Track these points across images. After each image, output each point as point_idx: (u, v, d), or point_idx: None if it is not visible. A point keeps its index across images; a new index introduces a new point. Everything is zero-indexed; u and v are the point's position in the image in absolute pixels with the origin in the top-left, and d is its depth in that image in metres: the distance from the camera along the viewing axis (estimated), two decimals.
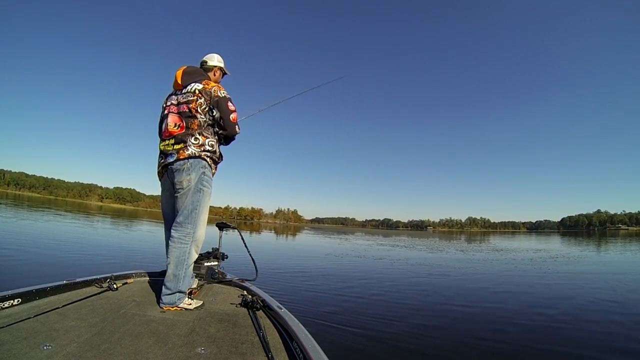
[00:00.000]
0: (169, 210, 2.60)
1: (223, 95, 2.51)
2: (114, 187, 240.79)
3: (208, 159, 2.45)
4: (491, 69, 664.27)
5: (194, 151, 2.39)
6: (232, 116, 2.51)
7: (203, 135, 2.44)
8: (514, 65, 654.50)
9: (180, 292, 2.27)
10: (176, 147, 2.40)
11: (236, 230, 3.49)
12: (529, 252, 19.99)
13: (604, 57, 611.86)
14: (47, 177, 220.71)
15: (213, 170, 2.56)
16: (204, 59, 2.81)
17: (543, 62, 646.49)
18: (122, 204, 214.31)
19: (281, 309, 2.16)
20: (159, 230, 22.03)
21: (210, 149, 2.46)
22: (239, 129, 2.59)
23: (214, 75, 2.80)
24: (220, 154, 2.64)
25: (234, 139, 2.64)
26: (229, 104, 2.51)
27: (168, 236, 2.59)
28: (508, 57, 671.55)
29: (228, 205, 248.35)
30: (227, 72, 2.94)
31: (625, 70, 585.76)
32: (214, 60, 2.81)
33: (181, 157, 2.36)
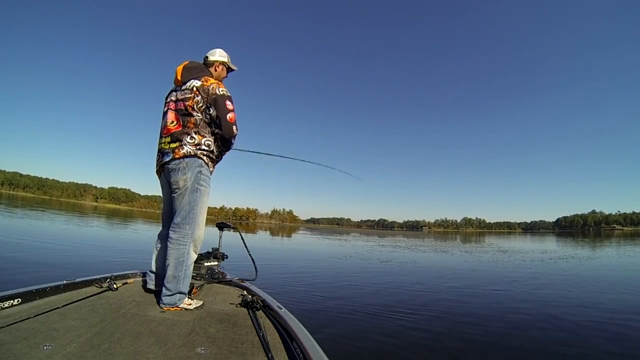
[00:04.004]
0: (165, 209, 2.57)
1: (221, 93, 2.39)
2: (109, 187, 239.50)
3: (205, 158, 2.39)
4: (487, 68, 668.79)
5: (189, 150, 2.33)
6: (230, 115, 2.38)
7: (200, 134, 2.38)
8: (510, 65, 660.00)
9: (180, 292, 2.25)
10: (172, 145, 2.35)
11: (236, 231, 3.50)
12: (535, 252, 19.78)
13: (599, 56, 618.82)
14: (41, 177, 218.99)
15: (211, 169, 2.50)
16: (207, 54, 2.72)
17: (539, 61, 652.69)
18: (117, 204, 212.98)
19: (281, 309, 2.16)
20: (156, 230, 21.88)
21: (206, 148, 2.40)
22: (236, 129, 2.43)
23: (215, 70, 2.68)
24: (219, 153, 2.58)
25: (232, 141, 2.50)
26: (227, 102, 2.39)
27: (162, 234, 2.57)
28: (504, 56, 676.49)
29: (223, 206, 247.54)
30: (232, 67, 2.79)
31: (622, 70, 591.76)
32: (215, 55, 2.69)
33: (177, 156, 2.31)
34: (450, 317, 5.02)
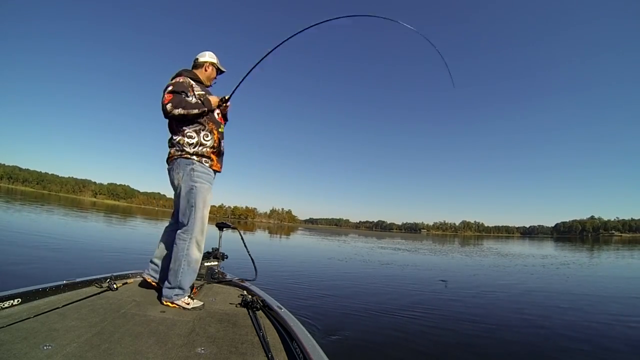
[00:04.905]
0: (175, 205, 2.68)
1: (167, 84, 2.49)
2: (108, 183, 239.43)
3: (194, 156, 2.45)
4: (488, 71, 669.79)
5: (175, 151, 2.49)
6: (164, 99, 2.41)
7: (180, 133, 2.48)
8: (510, 69, 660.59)
9: (179, 287, 2.31)
10: (169, 149, 2.56)
11: (236, 230, 3.51)
12: (536, 257, 19.58)
13: (600, 61, 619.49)
14: (40, 172, 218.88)
15: (209, 163, 2.52)
16: (196, 56, 2.81)
17: (539, 65, 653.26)
18: (116, 200, 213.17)
19: (281, 309, 2.18)
20: (156, 228, 21.88)
21: (189, 141, 2.46)
22: (170, 107, 2.37)
23: (205, 71, 2.76)
24: (213, 145, 2.55)
25: (172, 117, 2.45)
26: (167, 89, 2.44)
27: (168, 228, 2.72)
28: (504, 60, 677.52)
29: (222, 204, 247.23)
30: (222, 69, 2.86)
31: (622, 75, 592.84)
32: (205, 56, 2.77)
33: (170, 159, 2.52)
34: (452, 320, 4.97)
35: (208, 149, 2.52)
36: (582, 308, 6.16)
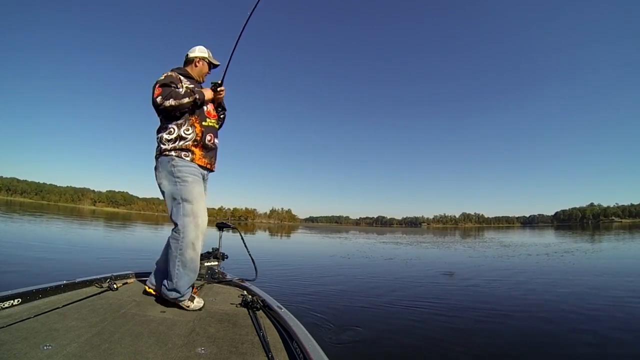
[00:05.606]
0: None
1: (155, 82, 2.38)
2: (107, 191, 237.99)
3: (172, 153, 2.34)
4: (484, 63, 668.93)
5: (157, 151, 2.42)
6: (154, 93, 2.31)
7: (163, 130, 2.39)
8: (506, 59, 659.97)
9: (175, 290, 2.24)
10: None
11: (236, 230, 3.51)
12: (539, 246, 19.52)
13: (596, 49, 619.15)
14: (38, 182, 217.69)
15: (192, 156, 2.39)
16: (187, 52, 2.70)
17: (535, 55, 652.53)
18: (115, 208, 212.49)
19: (281, 309, 2.17)
20: (154, 232, 21.87)
21: (168, 137, 2.35)
22: (160, 100, 2.27)
23: (196, 66, 2.65)
24: (197, 139, 2.41)
25: (164, 110, 2.33)
26: (156, 84, 2.35)
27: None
28: (500, 51, 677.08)
29: (221, 206, 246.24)
30: (214, 62, 2.72)
31: (618, 63, 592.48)
32: (195, 51, 2.66)
33: (156, 158, 2.44)
34: (460, 313, 4.94)
35: (189, 143, 2.38)
36: (592, 292, 6.24)
